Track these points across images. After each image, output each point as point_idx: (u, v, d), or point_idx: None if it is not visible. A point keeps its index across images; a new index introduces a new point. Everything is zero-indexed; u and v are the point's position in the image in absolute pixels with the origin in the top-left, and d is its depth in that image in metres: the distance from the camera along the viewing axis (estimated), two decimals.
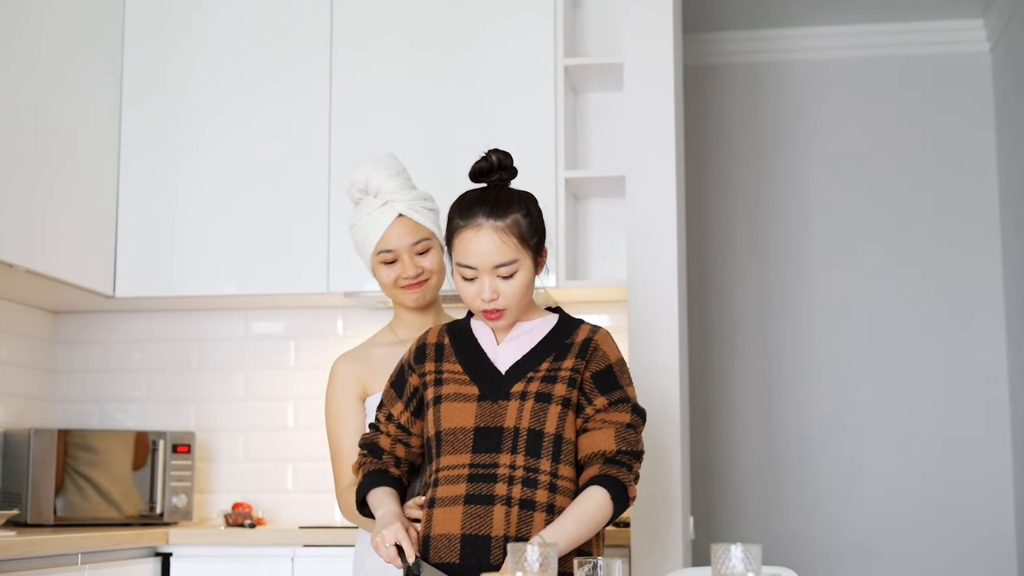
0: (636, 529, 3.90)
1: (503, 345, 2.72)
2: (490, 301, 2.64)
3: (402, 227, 3.03)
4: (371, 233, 3.03)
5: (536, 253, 2.69)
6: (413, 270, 3.03)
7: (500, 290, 2.64)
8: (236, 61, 4.55)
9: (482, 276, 2.64)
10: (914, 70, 5.66)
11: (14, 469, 4.32)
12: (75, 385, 4.83)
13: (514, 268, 2.64)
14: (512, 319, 2.70)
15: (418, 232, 3.04)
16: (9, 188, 3.87)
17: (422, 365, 2.76)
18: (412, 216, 3.04)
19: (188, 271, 4.48)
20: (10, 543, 3.30)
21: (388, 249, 3.03)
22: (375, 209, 3.04)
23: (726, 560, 1.99)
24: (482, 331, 2.77)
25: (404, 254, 3.03)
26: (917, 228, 5.59)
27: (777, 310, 5.63)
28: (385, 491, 2.73)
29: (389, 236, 3.02)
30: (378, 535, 2.57)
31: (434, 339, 2.79)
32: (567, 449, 2.63)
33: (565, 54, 4.39)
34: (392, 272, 3.04)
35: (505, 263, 2.63)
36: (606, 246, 4.53)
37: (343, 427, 3.05)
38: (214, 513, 4.68)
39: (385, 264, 3.04)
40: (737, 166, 5.73)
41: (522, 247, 2.64)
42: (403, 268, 3.03)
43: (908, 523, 5.43)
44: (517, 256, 2.63)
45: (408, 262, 3.03)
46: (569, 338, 2.71)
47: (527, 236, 2.65)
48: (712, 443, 5.59)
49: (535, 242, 2.68)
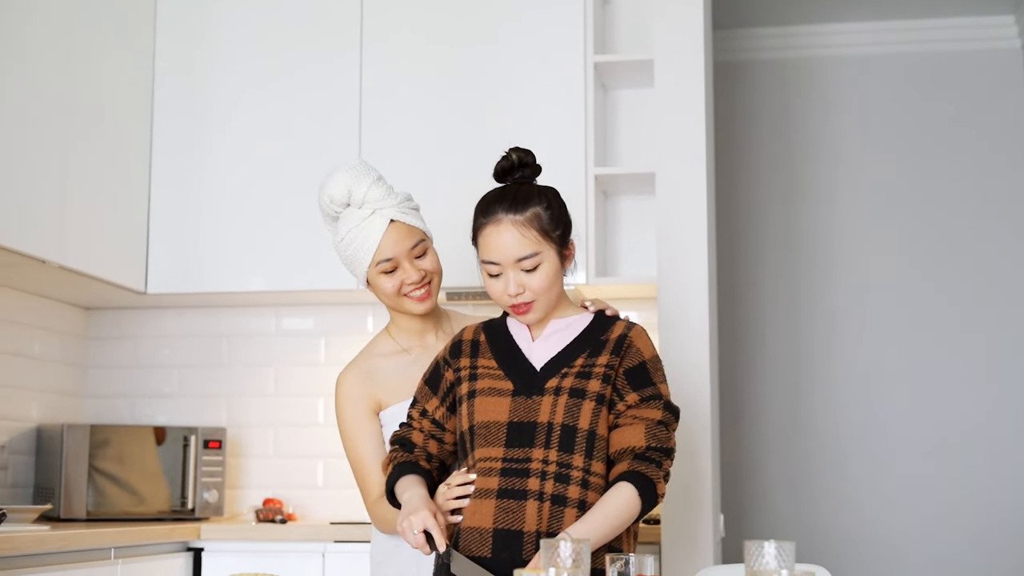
0: (666, 526, 3.90)
1: (538, 342, 2.73)
2: (516, 295, 2.66)
3: (397, 233, 2.95)
4: (364, 244, 2.94)
5: (561, 246, 2.69)
6: (416, 274, 2.96)
7: (525, 283, 2.65)
8: (266, 61, 4.57)
9: (506, 271, 2.66)
10: (945, 67, 5.64)
11: (47, 464, 4.35)
12: (107, 381, 4.86)
13: (537, 261, 2.64)
14: (541, 312, 2.70)
15: (413, 235, 2.97)
16: (41, 185, 3.90)
17: (457, 360, 2.77)
18: (404, 219, 2.96)
19: (219, 267, 4.50)
20: (44, 537, 3.33)
21: (388, 258, 2.94)
22: (364, 219, 2.94)
23: (759, 557, 1.99)
24: (518, 328, 2.77)
25: (404, 260, 2.95)
26: (948, 225, 5.57)
27: (807, 307, 5.62)
28: (412, 477, 2.71)
29: (386, 244, 2.94)
30: (405, 520, 2.55)
31: (470, 336, 2.80)
32: (600, 445, 2.63)
33: (595, 51, 4.39)
34: (394, 280, 2.96)
35: (527, 256, 2.64)
36: (636, 243, 4.52)
37: (361, 442, 2.99)
38: (245, 509, 4.70)
39: (385, 274, 2.96)
40: (767, 162, 5.72)
41: (544, 239, 2.65)
42: (406, 274, 2.96)
43: (939, 522, 5.41)
44: (539, 248, 2.64)
45: (410, 267, 2.96)
46: (604, 335, 2.72)
47: (548, 228, 2.66)
48: (742, 441, 5.57)
49: (558, 234, 2.68)
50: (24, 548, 3.21)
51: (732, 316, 5.61)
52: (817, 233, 5.65)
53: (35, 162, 3.86)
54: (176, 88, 4.59)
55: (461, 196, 4.16)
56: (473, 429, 2.67)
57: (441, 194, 4.16)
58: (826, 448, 5.53)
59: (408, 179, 4.31)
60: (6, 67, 3.70)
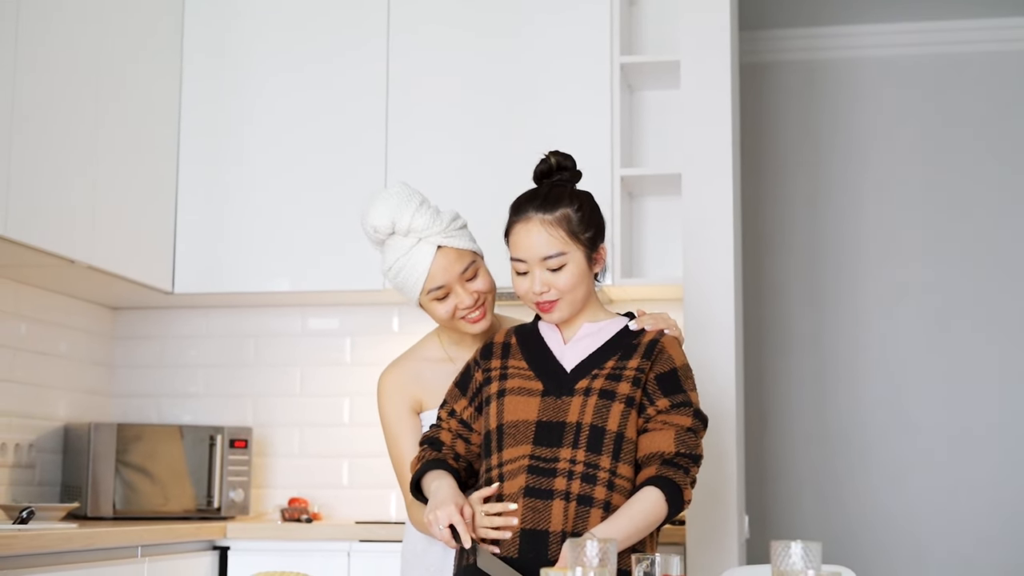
0: (691, 527, 3.90)
1: (570, 345, 2.74)
2: (540, 294, 2.67)
3: (446, 259, 2.84)
4: (413, 273, 2.85)
5: (590, 248, 2.70)
6: (470, 298, 2.87)
7: (550, 282, 2.66)
8: (293, 62, 4.58)
9: (533, 269, 2.67)
10: (971, 67, 5.61)
11: (74, 463, 4.37)
12: (134, 380, 4.88)
13: (563, 260, 2.66)
14: (566, 312, 2.71)
15: (463, 259, 2.86)
16: (70, 185, 3.92)
17: (488, 361, 2.78)
18: (452, 244, 2.85)
19: (246, 268, 4.52)
20: (72, 535, 3.35)
21: (439, 285, 2.84)
22: (410, 249, 2.85)
23: (786, 557, 1.99)
24: (549, 332, 2.78)
25: (456, 285, 2.85)
26: (974, 227, 5.55)
27: (832, 309, 5.60)
28: (440, 472, 2.71)
29: (436, 273, 2.84)
30: (431, 513, 2.56)
31: (501, 338, 2.82)
32: (628, 448, 2.63)
33: (621, 52, 4.39)
34: (447, 306, 2.87)
35: (553, 255, 2.65)
36: (662, 244, 4.52)
37: (402, 440, 2.96)
38: (271, 508, 4.71)
39: (438, 300, 2.87)
40: (793, 164, 5.71)
41: (571, 240, 2.66)
42: (459, 299, 2.86)
43: (966, 523, 5.39)
44: (565, 249, 2.66)
45: (462, 292, 2.86)
46: (636, 339, 2.72)
47: (577, 230, 2.67)
48: (767, 442, 5.56)
49: (587, 237, 2.69)
50: (52, 546, 3.24)
51: (758, 318, 5.60)
52: (843, 234, 5.63)
53: (63, 163, 3.88)
54: (203, 91, 4.61)
55: (485, 193, 4.19)
56: (502, 428, 2.68)
57: (465, 191, 4.18)
58: (852, 449, 5.51)
59: (433, 174, 4.34)
60: (34, 65, 3.72)
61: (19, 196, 3.62)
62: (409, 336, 4.65)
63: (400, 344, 4.66)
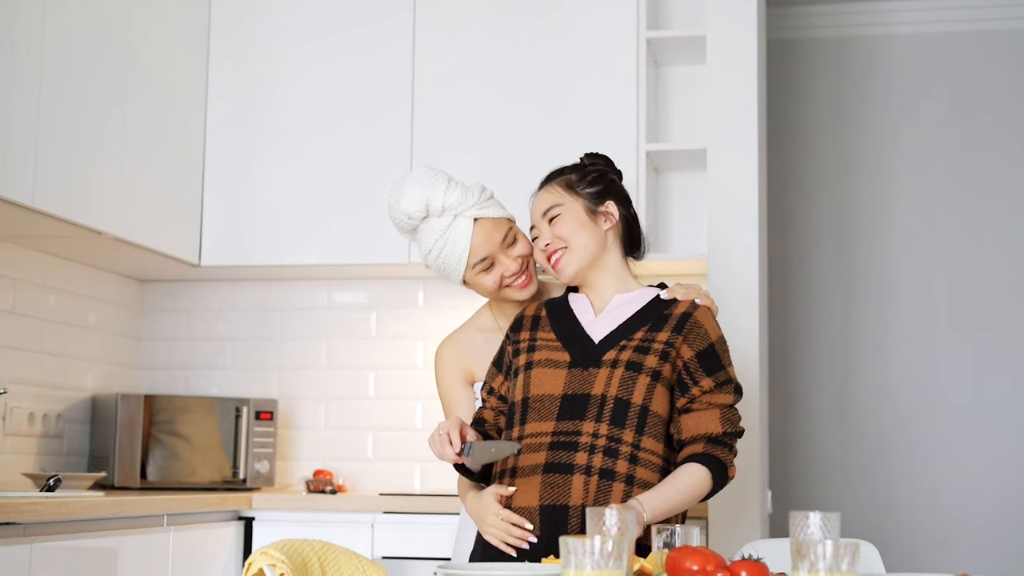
0: (714, 501, 3.90)
1: (600, 317, 2.75)
2: (547, 246, 2.75)
3: (484, 231, 2.90)
4: (456, 251, 2.90)
5: (590, 202, 2.77)
6: (514, 264, 2.92)
7: (553, 234, 2.75)
8: (320, 33, 4.59)
9: (541, 231, 2.78)
10: (1003, 44, 5.58)
11: (102, 433, 4.41)
12: (161, 352, 4.91)
13: (558, 211, 2.76)
14: (575, 265, 2.74)
15: (500, 227, 2.93)
16: (97, 156, 3.94)
17: (517, 334, 2.81)
18: (487, 214, 2.91)
19: (272, 241, 4.54)
20: (99, 503, 3.38)
21: (483, 258, 2.90)
22: (447, 228, 2.90)
23: (804, 527, 2.00)
24: (580, 304, 2.80)
25: (499, 254, 2.91)
26: (1004, 206, 5.52)
27: (859, 285, 5.59)
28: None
29: (478, 246, 2.89)
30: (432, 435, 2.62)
31: (532, 312, 2.84)
32: (653, 422, 2.63)
33: (648, 27, 4.38)
34: (494, 276, 2.92)
35: (549, 207, 2.76)
36: (687, 219, 4.51)
37: (456, 410, 3.01)
38: (296, 479, 4.74)
39: (484, 272, 2.92)
40: (821, 141, 5.69)
41: (566, 192, 2.77)
42: (504, 267, 2.91)
43: (991, 501, 5.38)
44: (560, 201, 2.77)
45: (506, 260, 2.92)
46: (668, 309, 2.73)
47: (573, 183, 2.78)
48: (792, 418, 5.56)
49: (585, 190, 2.77)
50: (78, 513, 3.27)
51: (784, 294, 5.60)
52: (871, 211, 5.61)
53: (91, 133, 3.91)
54: (231, 62, 4.62)
55: (511, 165, 4.20)
56: (527, 402, 2.69)
57: (491, 166, 4.19)
58: (877, 426, 5.51)
59: (458, 149, 4.36)
60: (61, 35, 3.74)
61: (47, 167, 3.65)
62: (435, 310, 4.71)
63: (426, 318, 4.72)
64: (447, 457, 2.59)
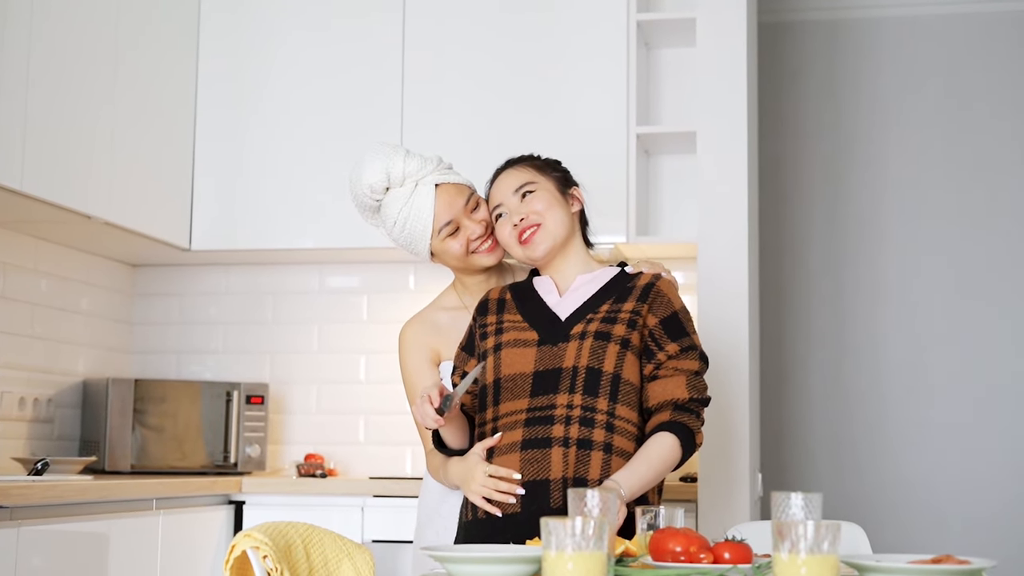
0: (703, 485, 3.91)
1: (565, 296, 2.77)
2: (520, 221, 2.76)
3: (447, 195, 2.95)
4: (420, 218, 2.94)
5: (561, 185, 2.82)
6: (479, 227, 2.95)
7: (526, 209, 2.76)
8: (312, 19, 4.58)
9: (509, 207, 2.79)
10: (1000, 27, 5.56)
11: (93, 417, 4.41)
12: (152, 337, 4.91)
13: (533, 187, 2.79)
14: (548, 242, 2.76)
15: (462, 192, 2.98)
16: (87, 140, 3.94)
17: (484, 317, 2.83)
18: (448, 179, 2.97)
19: (263, 225, 4.53)
20: (88, 487, 3.38)
21: (448, 221, 2.94)
22: (410, 196, 2.94)
23: (786, 508, 2.00)
24: (544, 286, 2.82)
25: (463, 218, 2.95)
26: (997, 187, 5.51)
27: (852, 269, 5.58)
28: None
29: (441, 209, 2.94)
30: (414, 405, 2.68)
31: (496, 295, 2.87)
32: (626, 390, 2.65)
33: (638, 9, 4.37)
34: (460, 241, 2.96)
35: (522, 184, 2.79)
36: (677, 202, 4.51)
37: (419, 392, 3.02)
38: (286, 463, 4.75)
39: (450, 237, 2.95)
40: (814, 125, 5.68)
41: (539, 173, 2.82)
42: (468, 231, 2.95)
43: (983, 485, 5.38)
44: (534, 179, 2.80)
45: (470, 223, 2.95)
46: (631, 282, 2.76)
47: (542, 167, 2.84)
48: (785, 402, 5.56)
49: (554, 174, 2.83)
50: (66, 497, 3.27)
51: (777, 278, 5.59)
52: (864, 195, 5.61)
53: (81, 119, 3.90)
54: (221, 45, 4.61)
55: (499, 149, 4.19)
56: (499, 383, 2.70)
57: (480, 147, 4.17)
58: (871, 410, 5.51)
59: (449, 132, 4.35)
60: (50, 18, 3.73)
61: (35, 151, 3.64)
62: (425, 294, 4.65)
63: (417, 302, 4.70)
64: (429, 419, 2.61)
